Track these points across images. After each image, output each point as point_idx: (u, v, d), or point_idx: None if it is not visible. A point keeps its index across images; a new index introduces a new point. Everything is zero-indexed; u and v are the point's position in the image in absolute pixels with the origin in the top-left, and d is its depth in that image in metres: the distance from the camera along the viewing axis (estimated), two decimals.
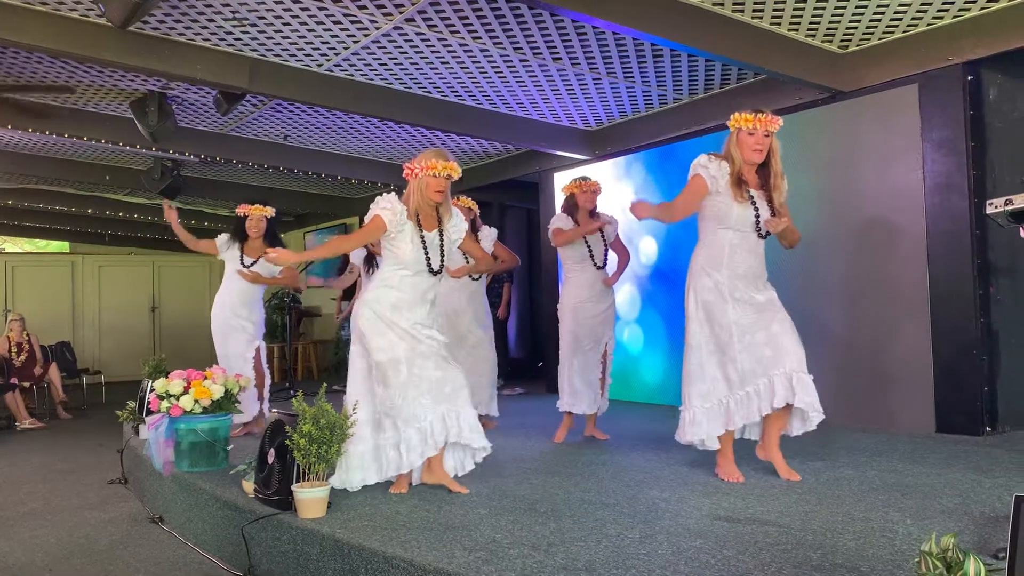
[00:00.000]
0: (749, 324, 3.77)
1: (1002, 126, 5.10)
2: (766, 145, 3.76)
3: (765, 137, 3.74)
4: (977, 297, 4.90)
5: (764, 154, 3.77)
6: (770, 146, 3.78)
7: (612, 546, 2.77)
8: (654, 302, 7.21)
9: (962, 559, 1.83)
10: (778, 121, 3.76)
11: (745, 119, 3.75)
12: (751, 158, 3.77)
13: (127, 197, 10.94)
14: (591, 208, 5.19)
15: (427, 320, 3.77)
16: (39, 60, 5.66)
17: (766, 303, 3.81)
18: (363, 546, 2.89)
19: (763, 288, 3.86)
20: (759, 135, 3.73)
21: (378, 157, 8.69)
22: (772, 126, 3.74)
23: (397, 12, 4.80)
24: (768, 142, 3.76)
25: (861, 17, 4.84)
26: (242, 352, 5.66)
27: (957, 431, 4.89)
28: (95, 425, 8.40)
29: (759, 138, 3.74)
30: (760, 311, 3.79)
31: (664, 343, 7.09)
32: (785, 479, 3.73)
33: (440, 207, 3.80)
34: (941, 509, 3.15)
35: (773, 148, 3.80)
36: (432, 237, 3.76)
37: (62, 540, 4.13)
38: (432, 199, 3.72)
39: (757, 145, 3.74)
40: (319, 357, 11.85)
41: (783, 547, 2.70)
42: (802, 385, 3.67)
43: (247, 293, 5.77)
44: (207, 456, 4.38)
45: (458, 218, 3.89)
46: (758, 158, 3.77)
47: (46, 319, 12.84)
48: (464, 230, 3.92)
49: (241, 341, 5.70)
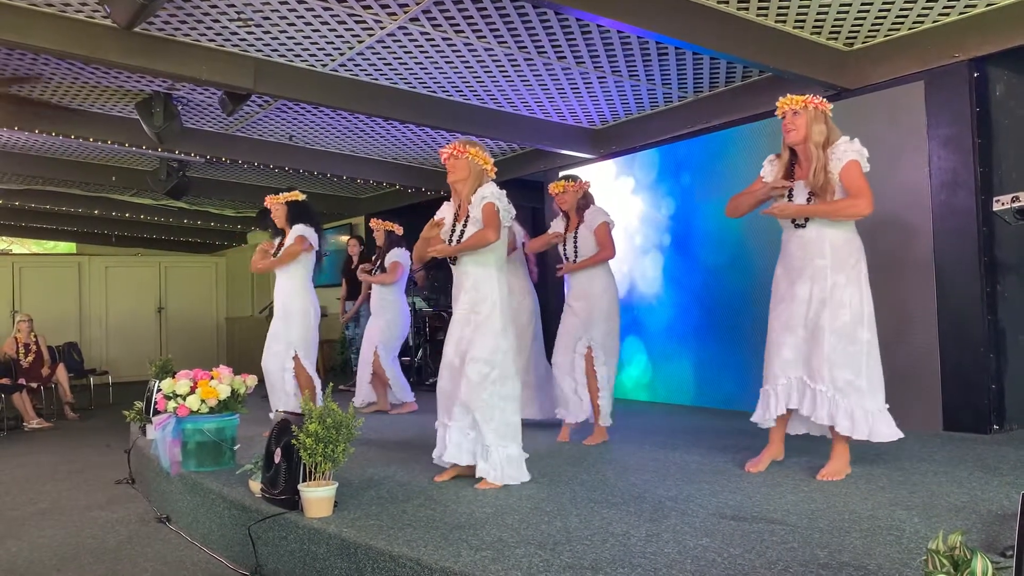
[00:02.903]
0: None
1: (1008, 123, 5.08)
2: (797, 124, 3.70)
3: (795, 116, 3.71)
4: (984, 295, 4.88)
5: (799, 134, 3.70)
6: (806, 126, 3.70)
7: (618, 545, 2.77)
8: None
9: (969, 557, 1.82)
10: (801, 99, 3.69)
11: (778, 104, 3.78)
12: (786, 139, 3.77)
13: (133, 198, 10.97)
14: (567, 209, 5.15)
15: (462, 308, 3.86)
16: (45, 61, 5.68)
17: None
18: (369, 545, 2.89)
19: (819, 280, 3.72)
20: (788, 117, 3.73)
21: (383, 157, 8.70)
22: (792, 104, 3.70)
23: (402, 12, 4.80)
24: (796, 121, 3.70)
25: (867, 14, 4.82)
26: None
27: (964, 429, 4.87)
28: (102, 425, 8.44)
29: (787, 120, 3.73)
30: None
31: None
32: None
33: (458, 189, 3.94)
34: (948, 507, 3.14)
35: (811, 129, 3.70)
36: (458, 227, 3.90)
37: (70, 539, 4.15)
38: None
39: (787, 127, 3.74)
40: (325, 357, 11.85)
41: (789, 546, 2.70)
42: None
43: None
44: (214, 456, 4.39)
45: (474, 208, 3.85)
46: (791, 139, 3.74)
47: (53, 320, 12.90)
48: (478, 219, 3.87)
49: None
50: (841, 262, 3.67)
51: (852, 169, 3.61)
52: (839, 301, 3.64)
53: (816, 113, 3.69)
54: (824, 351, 3.62)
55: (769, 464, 3.95)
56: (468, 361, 3.73)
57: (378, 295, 6.91)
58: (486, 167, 3.91)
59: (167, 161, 8.50)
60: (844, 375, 3.62)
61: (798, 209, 3.70)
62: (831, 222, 3.67)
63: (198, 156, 7.91)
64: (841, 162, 3.63)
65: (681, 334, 6.89)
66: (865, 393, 3.64)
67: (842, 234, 3.69)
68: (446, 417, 3.85)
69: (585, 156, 7.66)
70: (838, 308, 3.63)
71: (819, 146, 3.66)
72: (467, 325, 3.81)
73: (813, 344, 3.67)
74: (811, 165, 3.67)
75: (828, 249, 3.67)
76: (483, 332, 3.76)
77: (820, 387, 3.63)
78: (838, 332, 3.63)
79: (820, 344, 3.64)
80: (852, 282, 3.66)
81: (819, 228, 3.69)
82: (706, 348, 6.65)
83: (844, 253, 3.68)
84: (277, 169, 8.49)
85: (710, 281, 6.60)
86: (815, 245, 3.69)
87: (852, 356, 3.63)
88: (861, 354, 3.64)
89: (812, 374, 3.67)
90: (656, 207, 7.15)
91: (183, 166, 8.68)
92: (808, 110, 3.69)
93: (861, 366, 3.64)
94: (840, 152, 3.65)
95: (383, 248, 6.99)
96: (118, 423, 7.31)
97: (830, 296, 3.64)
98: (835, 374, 3.61)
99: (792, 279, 3.77)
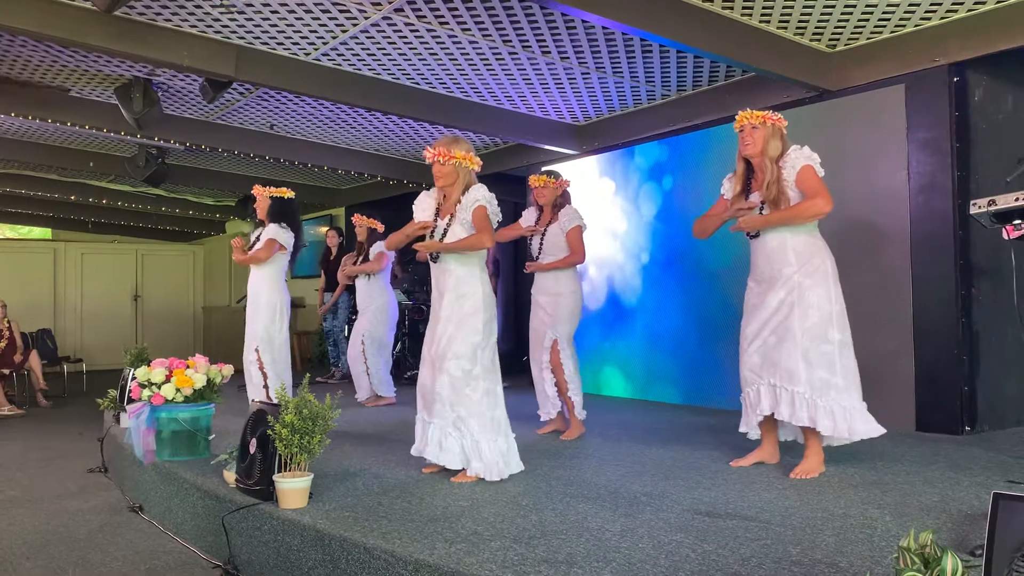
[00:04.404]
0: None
1: (986, 127, 5.14)
2: (755, 138, 3.77)
3: (753, 130, 3.78)
4: (959, 298, 4.94)
5: (756, 147, 3.77)
6: (763, 140, 3.77)
7: (593, 539, 2.78)
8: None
9: (940, 555, 1.84)
10: (760, 115, 3.77)
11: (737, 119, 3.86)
12: (742, 151, 3.84)
13: (111, 184, 10.84)
14: (543, 203, 5.14)
15: (444, 306, 3.85)
16: (23, 44, 5.59)
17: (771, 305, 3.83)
18: (344, 537, 2.88)
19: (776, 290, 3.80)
20: (746, 131, 3.81)
21: (365, 148, 8.65)
22: (752, 119, 3.78)
23: (386, 2, 4.77)
24: (755, 135, 3.77)
25: (849, 17, 4.85)
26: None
27: (937, 430, 4.93)
28: (75, 413, 8.35)
29: (746, 133, 3.81)
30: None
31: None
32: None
33: (447, 194, 3.93)
34: (920, 506, 3.17)
35: (767, 144, 3.78)
36: (441, 224, 3.87)
37: (40, 528, 4.10)
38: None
39: (745, 140, 3.81)
40: (303, 348, 11.80)
41: (763, 542, 2.72)
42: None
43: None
44: (188, 445, 4.36)
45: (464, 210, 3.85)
46: (748, 151, 3.81)
47: (27, 306, 12.74)
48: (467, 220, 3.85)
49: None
50: (807, 265, 3.74)
51: (806, 172, 3.70)
52: (807, 303, 3.70)
53: (773, 129, 3.80)
54: (798, 353, 3.67)
55: (755, 463, 3.99)
56: (450, 358, 3.73)
57: (364, 289, 6.88)
58: (473, 167, 3.91)
59: (146, 148, 8.41)
60: (820, 374, 3.67)
61: (763, 220, 3.76)
62: (792, 229, 3.75)
63: (178, 143, 7.82)
64: (795, 169, 3.72)
65: (661, 331, 6.92)
66: (842, 390, 3.69)
67: (804, 239, 3.77)
68: (426, 413, 3.85)
69: (568, 152, 7.66)
70: (807, 310, 3.70)
71: (773, 160, 3.77)
72: (449, 322, 3.79)
73: (785, 348, 3.72)
74: (765, 178, 3.77)
75: (792, 257, 3.75)
76: (465, 329, 3.76)
77: (797, 389, 3.67)
78: (809, 333, 3.69)
79: (793, 346, 3.69)
80: (819, 283, 3.73)
81: (781, 237, 3.77)
82: (685, 345, 6.68)
83: (808, 256, 3.75)
84: (257, 158, 8.42)
85: (691, 279, 6.63)
86: (779, 254, 3.77)
87: (826, 355, 3.69)
88: (834, 352, 3.70)
89: (788, 377, 3.70)
90: (637, 205, 7.17)
91: (162, 153, 8.59)
92: (766, 126, 3.78)
93: (835, 364, 3.69)
94: (792, 160, 3.74)
95: (364, 243, 6.98)
96: (91, 411, 7.23)
97: (799, 300, 3.71)
98: (811, 374, 3.66)
99: (763, 289, 3.85)
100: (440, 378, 3.74)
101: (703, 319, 6.50)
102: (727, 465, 4.02)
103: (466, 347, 3.74)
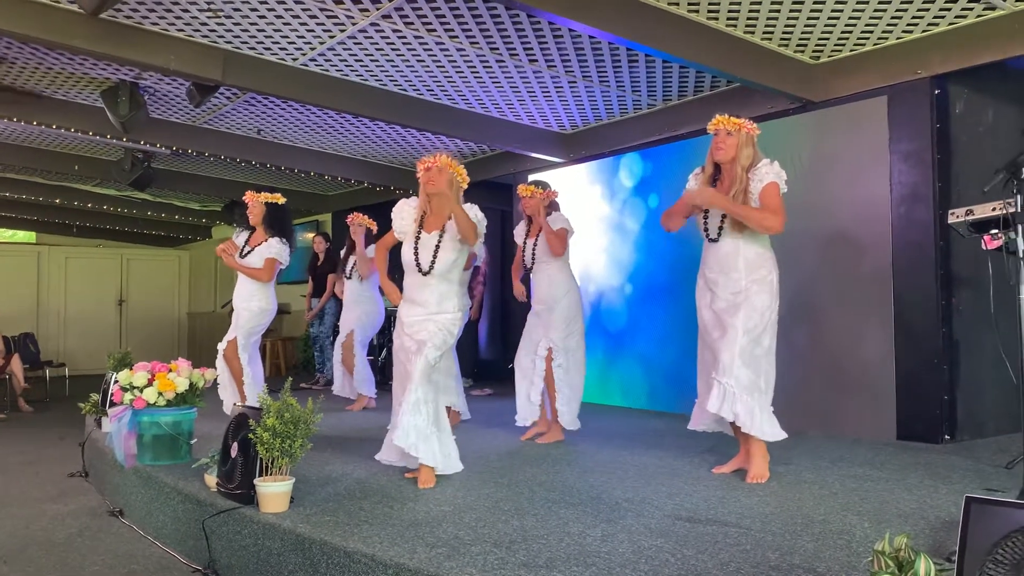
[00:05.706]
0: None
1: (967, 139, 5.19)
2: (729, 144, 3.85)
3: (728, 136, 3.86)
4: (940, 307, 4.98)
5: (729, 153, 3.86)
6: (736, 147, 3.85)
7: (574, 544, 2.79)
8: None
9: (914, 559, 1.86)
10: (736, 122, 3.85)
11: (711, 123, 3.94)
12: (715, 156, 3.92)
13: (96, 188, 10.78)
14: (531, 213, 5.18)
15: (418, 315, 3.90)
16: (8, 45, 5.57)
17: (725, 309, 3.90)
18: (324, 541, 2.88)
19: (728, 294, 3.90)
20: (720, 136, 3.89)
21: (352, 154, 8.65)
22: (728, 125, 3.86)
23: (374, 8, 4.79)
24: (728, 142, 3.86)
25: (833, 29, 4.90)
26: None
27: (917, 439, 4.96)
28: (57, 417, 8.28)
29: (720, 139, 3.89)
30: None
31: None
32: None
33: (435, 206, 3.98)
34: (898, 513, 3.20)
35: (740, 152, 3.85)
36: (429, 238, 3.91)
37: (18, 532, 4.07)
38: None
39: (719, 144, 3.89)
40: (288, 354, 11.77)
41: (742, 547, 2.73)
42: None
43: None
44: (170, 449, 4.33)
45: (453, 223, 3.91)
46: (721, 157, 3.89)
47: (10, 310, 12.66)
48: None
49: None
50: (753, 274, 3.85)
51: (770, 189, 3.80)
52: (752, 305, 3.82)
53: (747, 138, 3.88)
54: (735, 349, 3.79)
55: (735, 470, 4.02)
56: (427, 347, 3.79)
57: (353, 291, 6.89)
58: (464, 184, 4.00)
59: (132, 151, 8.37)
60: (748, 374, 3.79)
61: (725, 202, 3.79)
62: (746, 239, 3.86)
63: (164, 147, 7.80)
64: (762, 183, 3.81)
65: (640, 338, 6.94)
66: (763, 393, 3.84)
67: (755, 248, 3.88)
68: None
69: (555, 160, 7.69)
70: (751, 311, 3.81)
71: (744, 169, 3.85)
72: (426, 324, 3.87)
73: (725, 342, 3.83)
74: (733, 184, 3.85)
75: (742, 263, 3.87)
76: (441, 329, 3.86)
77: (728, 381, 3.78)
78: (749, 333, 3.81)
79: (732, 342, 3.80)
80: (764, 290, 3.84)
81: (735, 242, 3.88)
82: (665, 353, 6.70)
83: (757, 264, 3.87)
84: (244, 163, 8.40)
85: (671, 286, 6.65)
86: (730, 259, 3.88)
87: (756, 358, 3.83)
88: (763, 358, 3.85)
89: (722, 369, 3.81)
90: (621, 213, 7.20)
91: (148, 157, 8.55)
92: (741, 133, 3.86)
93: (761, 369, 3.84)
94: (761, 174, 3.82)
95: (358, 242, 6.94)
96: (73, 416, 7.17)
97: (744, 300, 3.83)
98: (741, 372, 3.78)
99: (712, 289, 3.97)
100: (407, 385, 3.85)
101: (687, 326, 6.51)
102: (708, 472, 4.05)
103: (437, 339, 3.85)
